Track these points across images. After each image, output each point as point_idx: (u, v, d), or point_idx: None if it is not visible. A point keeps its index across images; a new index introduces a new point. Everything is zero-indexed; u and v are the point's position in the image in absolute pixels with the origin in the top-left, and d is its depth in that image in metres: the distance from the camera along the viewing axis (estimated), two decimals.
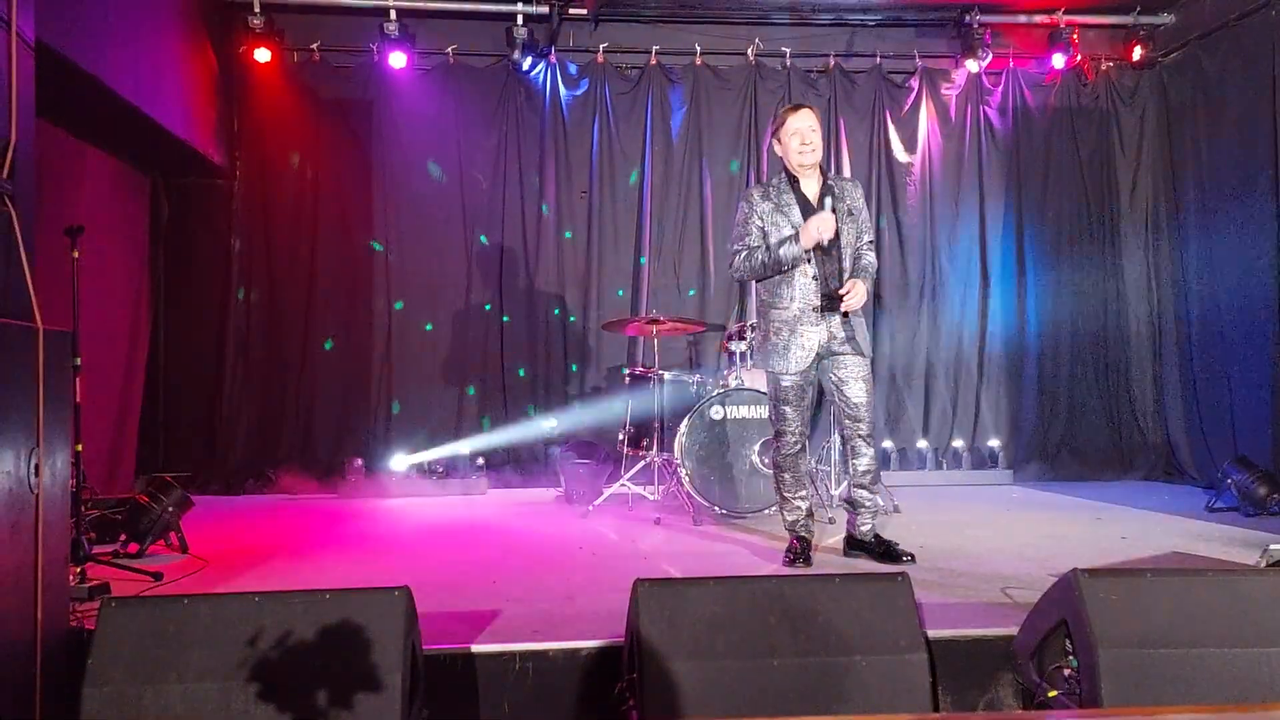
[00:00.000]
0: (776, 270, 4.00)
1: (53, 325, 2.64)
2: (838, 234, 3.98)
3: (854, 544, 4.16)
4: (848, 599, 2.60)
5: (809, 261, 3.96)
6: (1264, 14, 6.36)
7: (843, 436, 4.14)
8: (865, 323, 4.13)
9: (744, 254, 4.08)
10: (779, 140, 4.11)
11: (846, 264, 4.02)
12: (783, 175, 4.14)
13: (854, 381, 4.01)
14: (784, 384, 4.05)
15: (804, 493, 4.17)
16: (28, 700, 2.46)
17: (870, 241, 4.15)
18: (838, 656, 2.48)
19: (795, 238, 3.92)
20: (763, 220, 4.05)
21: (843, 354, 4.01)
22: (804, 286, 3.98)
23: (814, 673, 2.46)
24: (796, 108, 4.10)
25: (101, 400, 5.89)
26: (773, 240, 4.00)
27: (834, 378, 4.05)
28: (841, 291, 3.93)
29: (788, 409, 4.07)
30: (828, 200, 3.89)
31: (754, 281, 4.22)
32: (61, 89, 4.78)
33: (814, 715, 2.39)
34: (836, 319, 3.99)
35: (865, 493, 4.10)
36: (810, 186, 4.08)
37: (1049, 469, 7.27)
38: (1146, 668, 2.41)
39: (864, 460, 4.06)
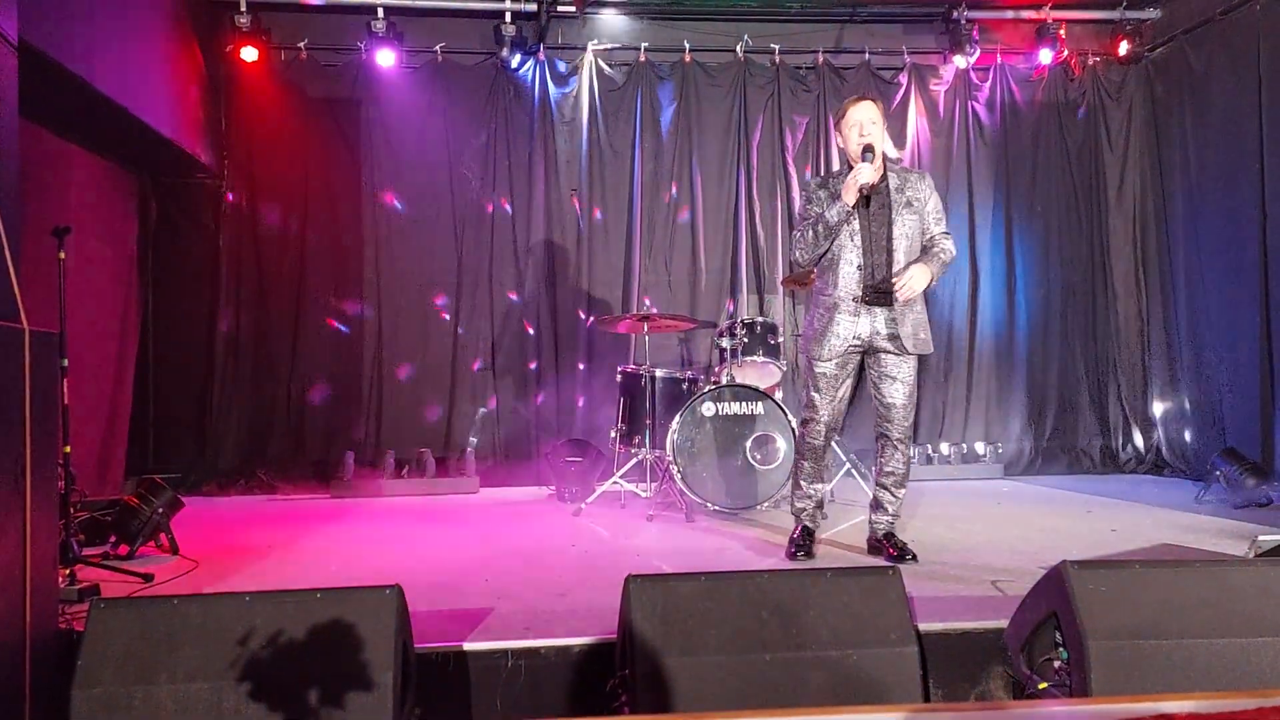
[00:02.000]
0: (829, 236, 3.95)
1: (39, 326, 2.62)
2: (888, 223, 3.95)
3: (872, 546, 4.16)
4: (839, 593, 2.60)
5: (855, 247, 3.94)
6: (1249, 8, 6.39)
7: (875, 434, 4.14)
8: (923, 319, 4.02)
9: (800, 233, 4.05)
10: (840, 131, 4.10)
11: (899, 256, 3.94)
12: (843, 166, 4.13)
13: (890, 381, 4.00)
14: (817, 370, 4.03)
15: (819, 485, 4.18)
16: (17, 703, 2.45)
17: (944, 232, 4.05)
18: (829, 650, 2.49)
19: (838, 196, 3.91)
20: (821, 206, 4.02)
21: (884, 351, 3.98)
22: (847, 275, 3.96)
23: (806, 667, 2.46)
24: (859, 99, 4.06)
25: (90, 401, 5.86)
26: None
27: (874, 374, 4.04)
28: (895, 280, 3.86)
29: (817, 397, 4.05)
30: (869, 155, 3.86)
31: (814, 267, 4.15)
32: (46, 89, 4.76)
33: (806, 709, 2.40)
34: (882, 314, 3.96)
35: (887, 494, 4.10)
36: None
37: (1039, 463, 7.31)
38: (1136, 659, 2.43)
39: (891, 462, 4.06)
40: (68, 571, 3.53)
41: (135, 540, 4.23)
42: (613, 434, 5.93)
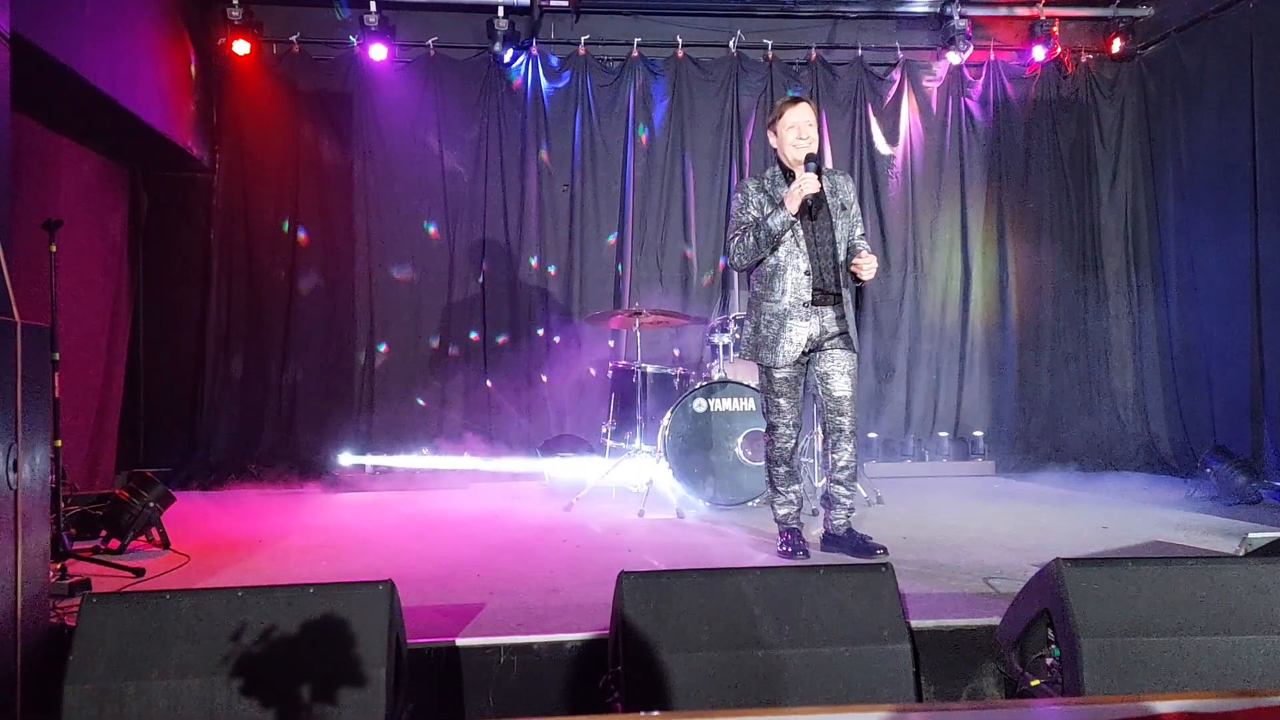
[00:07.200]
0: (770, 244, 3.96)
1: (31, 320, 2.61)
2: (831, 228, 4.01)
3: (829, 540, 4.14)
4: (831, 590, 2.60)
5: (801, 253, 3.97)
6: (1241, 6, 6.40)
7: (824, 430, 4.15)
8: (855, 317, 4.13)
9: (738, 238, 4.07)
10: (774, 133, 4.10)
11: (842, 258, 4.03)
12: (776, 168, 4.14)
13: (839, 375, 4.02)
14: (776, 377, 4.04)
15: (797, 487, 4.17)
16: (8, 698, 2.44)
17: (862, 235, 4.14)
18: (821, 647, 2.49)
19: (781, 205, 3.92)
20: (758, 210, 4.05)
21: (832, 348, 4.02)
22: (796, 281, 3.98)
23: (798, 664, 2.46)
24: (795, 101, 4.09)
25: (81, 396, 5.84)
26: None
27: (820, 370, 4.06)
28: (857, 261, 3.95)
29: (782, 401, 4.06)
30: (811, 164, 3.90)
31: (749, 272, 4.18)
32: (37, 81, 4.72)
33: (798, 707, 2.40)
34: (829, 312, 4.02)
35: (842, 489, 4.09)
36: None
37: (1031, 460, 7.31)
38: (1128, 656, 2.43)
39: (844, 456, 4.06)
40: (59, 566, 3.52)
41: (126, 534, 4.22)
42: (604, 429, 5.92)
